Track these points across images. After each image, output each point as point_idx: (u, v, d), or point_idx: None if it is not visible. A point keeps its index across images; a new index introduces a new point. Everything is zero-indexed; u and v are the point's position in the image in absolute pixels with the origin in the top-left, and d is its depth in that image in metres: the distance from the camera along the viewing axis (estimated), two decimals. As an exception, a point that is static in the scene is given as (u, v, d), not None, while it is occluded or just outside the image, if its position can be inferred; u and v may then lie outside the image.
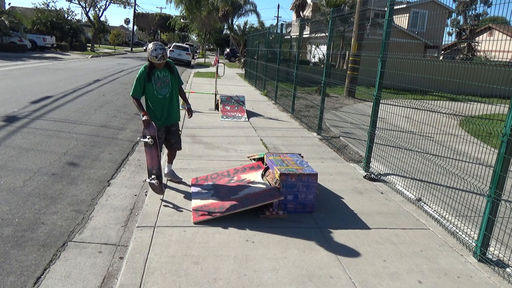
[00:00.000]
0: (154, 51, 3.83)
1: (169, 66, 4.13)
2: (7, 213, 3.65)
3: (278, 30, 13.78)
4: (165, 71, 4.09)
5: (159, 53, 3.83)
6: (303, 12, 35.85)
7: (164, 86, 4.10)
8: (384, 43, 5.03)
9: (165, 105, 4.14)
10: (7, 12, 29.43)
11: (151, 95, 4.08)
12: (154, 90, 4.05)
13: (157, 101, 4.10)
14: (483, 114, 4.16)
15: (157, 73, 4.03)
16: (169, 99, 4.17)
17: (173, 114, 4.26)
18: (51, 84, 11.92)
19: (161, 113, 4.15)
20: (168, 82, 4.11)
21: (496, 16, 11.01)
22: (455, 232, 3.70)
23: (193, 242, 3.21)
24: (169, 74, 4.11)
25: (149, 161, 3.97)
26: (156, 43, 3.88)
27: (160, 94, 4.09)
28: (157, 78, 4.04)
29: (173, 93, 4.19)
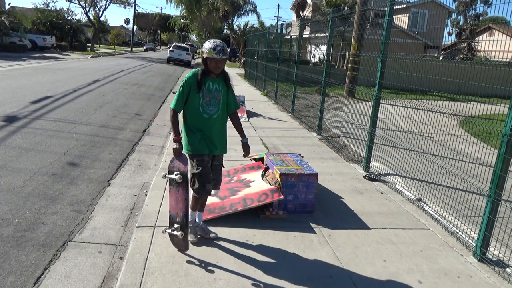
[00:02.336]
0: (212, 43, 2.87)
1: (226, 78, 3.11)
2: (7, 213, 3.65)
3: (278, 30, 13.79)
4: (218, 84, 3.05)
5: (219, 45, 2.86)
6: (303, 12, 35.85)
7: (214, 103, 3.03)
8: (384, 43, 5.03)
9: (210, 129, 3.05)
10: (7, 12, 29.41)
11: (194, 110, 3.01)
12: (199, 104, 2.99)
13: (200, 121, 3.03)
14: (483, 114, 4.16)
15: (209, 83, 3.00)
16: (217, 123, 3.07)
17: (220, 143, 3.14)
18: (51, 84, 11.93)
19: (206, 138, 3.05)
20: (220, 100, 3.06)
21: (496, 16, 11.00)
22: (455, 232, 3.70)
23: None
24: (222, 90, 3.07)
25: (173, 205, 3.01)
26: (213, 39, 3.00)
27: (206, 112, 3.02)
28: (207, 90, 2.99)
29: (222, 117, 3.13)
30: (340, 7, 18.31)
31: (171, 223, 3.04)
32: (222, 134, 3.15)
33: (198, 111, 3.01)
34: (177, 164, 2.95)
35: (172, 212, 3.03)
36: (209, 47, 2.85)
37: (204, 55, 2.90)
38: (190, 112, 3.04)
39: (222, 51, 2.85)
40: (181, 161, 2.95)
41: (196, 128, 3.04)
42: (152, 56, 39.94)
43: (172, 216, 3.03)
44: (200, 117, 3.02)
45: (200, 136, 3.03)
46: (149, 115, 9.08)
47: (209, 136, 3.05)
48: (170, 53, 28.78)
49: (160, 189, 4.28)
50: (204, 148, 3.03)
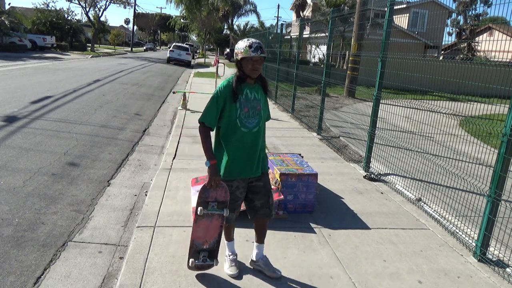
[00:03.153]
0: (247, 40, 2.47)
1: (264, 84, 2.69)
2: (7, 213, 3.65)
3: (278, 30, 13.79)
4: (257, 91, 2.62)
5: (255, 42, 2.44)
6: (303, 12, 35.85)
7: (254, 114, 2.56)
8: (384, 43, 5.03)
9: (250, 145, 2.58)
10: (7, 12, 29.42)
11: (231, 124, 2.53)
12: (237, 118, 2.52)
13: (237, 137, 2.54)
14: (483, 114, 4.16)
15: (246, 91, 2.55)
16: (257, 137, 2.60)
17: (261, 160, 2.68)
18: (51, 84, 11.92)
19: (243, 158, 2.57)
20: (260, 109, 2.60)
21: (496, 16, 11.00)
22: (455, 232, 3.70)
23: (193, 242, 3.20)
24: (262, 98, 2.65)
25: (201, 233, 2.62)
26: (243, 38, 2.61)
27: (246, 126, 2.53)
28: (245, 99, 2.54)
29: (263, 128, 2.67)
30: (340, 7, 18.31)
31: (196, 252, 2.65)
32: (262, 150, 2.70)
33: (236, 125, 2.51)
34: (215, 193, 2.55)
35: (198, 240, 2.63)
36: (243, 46, 2.43)
37: (238, 56, 2.46)
38: (225, 126, 2.55)
39: (260, 48, 2.42)
40: (222, 190, 2.54)
41: (230, 146, 2.55)
42: (152, 56, 39.94)
43: (197, 244, 2.63)
44: (238, 131, 2.52)
45: (233, 156, 2.55)
46: (149, 115, 9.08)
47: (248, 154, 2.58)
48: (170, 53, 28.78)
49: (160, 189, 4.28)
50: (236, 173, 2.56)
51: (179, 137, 6.68)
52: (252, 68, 2.46)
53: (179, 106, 9.71)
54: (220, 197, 2.56)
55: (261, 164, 2.67)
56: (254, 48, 2.41)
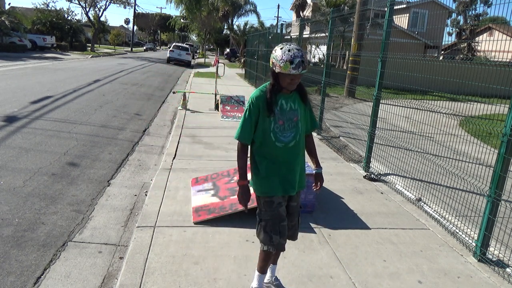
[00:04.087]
0: (288, 52, 2.11)
1: (302, 92, 2.39)
2: (7, 213, 3.65)
3: (278, 30, 13.79)
4: (294, 101, 2.34)
5: (297, 55, 2.11)
6: (303, 12, 35.86)
7: (290, 127, 2.31)
8: (384, 43, 5.03)
9: (286, 161, 2.34)
10: (7, 12, 29.43)
11: (265, 139, 2.31)
12: (271, 131, 2.29)
13: (272, 152, 2.32)
14: (483, 114, 4.16)
15: (281, 102, 2.30)
16: (294, 153, 2.36)
17: (298, 178, 2.40)
18: (51, 84, 11.93)
19: (280, 175, 2.34)
20: (297, 120, 2.33)
21: (496, 16, 11.02)
22: (455, 232, 3.70)
23: (193, 242, 3.21)
24: (299, 108, 2.36)
25: None
26: (286, 43, 2.24)
27: (280, 140, 2.29)
28: (280, 111, 2.29)
29: (301, 144, 2.41)
30: (340, 7, 18.31)
31: None
32: (300, 166, 2.41)
33: (269, 139, 2.29)
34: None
35: None
36: (284, 59, 2.10)
37: (276, 68, 2.16)
38: (258, 141, 2.32)
39: (302, 64, 2.10)
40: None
41: (266, 161, 2.33)
42: (152, 56, 39.94)
43: None
44: (272, 146, 2.30)
45: (271, 172, 2.33)
46: (149, 115, 9.08)
47: (284, 171, 2.34)
48: (170, 53, 28.79)
49: (160, 189, 4.28)
50: (277, 188, 2.32)
51: (179, 137, 6.68)
52: (290, 83, 2.20)
53: (179, 106, 9.71)
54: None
55: (299, 182, 2.41)
56: (296, 64, 2.09)
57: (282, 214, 2.33)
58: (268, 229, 2.31)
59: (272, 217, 2.31)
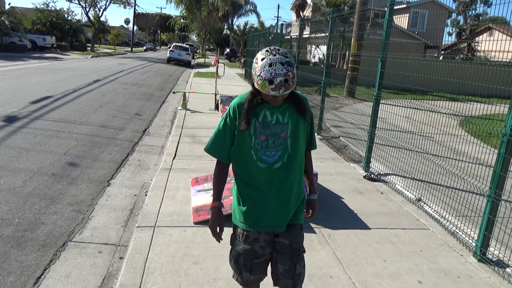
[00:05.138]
0: (268, 67, 1.66)
1: (297, 101, 1.90)
2: (7, 213, 3.65)
3: (278, 30, 13.79)
4: (283, 113, 1.89)
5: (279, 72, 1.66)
6: (303, 12, 35.86)
7: (276, 144, 1.88)
8: (384, 43, 5.03)
9: (270, 186, 1.90)
10: (7, 12, 29.43)
11: (243, 156, 1.91)
12: (251, 148, 1.89)
13: (253, 173, 1.91)
14: (483, 114, 4.16)
15: (264, 113, 1.88)
16: (282, 175, 1.90)
17: (287, 210, 1.95)
18: (51, 84, 11.93)
19: (261, 203, 1.92)
20: (286, 137, 1.89)
21: (496, 16, 11.02)
22: (455, 232, 3.70)
23: (193, 242, 3.21)
24: (290, 121, 1.89)
25: None
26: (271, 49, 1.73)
27: (263, 160, 1.88)
28: (262, 123, 1.88)
29: (293, 164, 1.91)
30: (340, 7, 18.31)
31: None
32: (291, 194, 1.93)
33: (249, 158, 1.88)
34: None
35: None
36: (262, 76, 1.66)
37: (255, 83, 1.74)
38: (237, 158, 1.93)
39: (285, 84, 1.65)
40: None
41: (244, 185, 1.95)
42: (152, 56, 39.95)
43: None
44: (253, 166, 1.88)
45: (249, 198, 1.93)
46: (149, 115, 9.08)
47: (267, 199, 1.90)
48: (170, 53, 28.80)
49: (160, 189, 4.29)
50: (254, 221, 1.92)
51: (179, 137, 6.68)
52: (273, 100, 1.79)
53: (179, 106, 9.71)
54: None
55: (290, 214, 1.95)
56: (276, 85, 1.64)
57: (257, 251, 1.95)
58: (240, 262, 1.98)
59: (244, 252, 1.95)
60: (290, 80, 1.66)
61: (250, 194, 1.93)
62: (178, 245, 3.14)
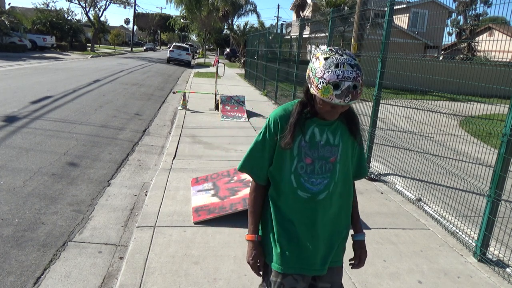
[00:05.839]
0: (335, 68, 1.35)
1: (351, 118, 1.62)
2: (7, 213, 3.65)
3: (278, 30, 13.79)
4: (333, 132, 1.59)
5: (348, 75, 1.35)
6: (303, 12, 35.86)
7: (323, 170, 1.58)
8: (384, 43, 5.03)
9: (314, 221, 1.59)
10: (7, 12, 29.44)
11: (283, 184, 1.60)
12: (292, 172, 1.58)
13: (292, 205, 1.60)
14: (483, 114, 4.16)
15: (312, 131, 1.57)
16: (326, 209, 1.60)
17: (330, 248, 1.65)
18: (51, 84, 11.93)
19: (301, 242, 1.60)
20: (335, 162, 1.59)
21: (496, 16, 11.01)
22: (455, 232, 3.70)
23: (193, 242, 3.21)
24: (341, 143, 1.59)
25: None
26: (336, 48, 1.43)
27: (306, 188, 1.57)
28: (309, 143, 1.56)
29: (340, 194, 1.63)
30: (340, 7, 18.32)
31: None
32: (336, 231, 1.64)
33: (288, 184, 1.57)
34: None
35: None
36: (325, 79, 1.35)
37: (312, 87, 1.42)
38: (274, 184, 1.63)
39: (353, 90, 1.35)
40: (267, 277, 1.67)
41: (280, 217, 1.60)
42: (152, 56, 39.95)
43: None
44: (292, 195, 1.57)
45: (286, 235, 1.59)
46: (149, 115, 9.08)
47: (308, 237, 1.58)
48: (170, 53, 28.81)
49: (160, 189, 4.29)
50: (292, 264, 1.59)
51: (179, 137, 6.68)
52: (330, 112, 1.47)
53: (179, 106, 9.71)
54: None
55: (334, 255, 1.65)
56: (342, 91, 1.34)
57: None
58: None
59: None
60: (359, 87, 1.36)
61: (286, 228, 1.59)
62: (178, 245, 3.14)
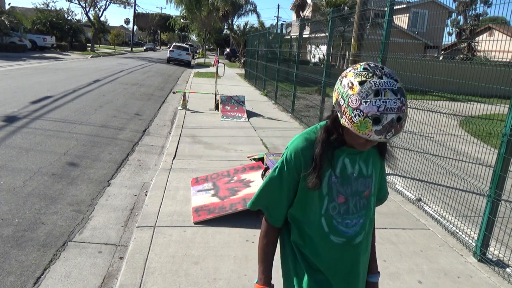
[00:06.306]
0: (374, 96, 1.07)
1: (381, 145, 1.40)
2: (7, 213, 3.65)
3: (278, 30, 13.79)
4: (366, 159, 1.35)
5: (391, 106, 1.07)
6: (303, 12, 35.86)
7: (358, 207, 1.34)
8: (384, 43, 5.03)
9: (348, 270, 1.35)
10: (7, 12, 29.44)
11: (311, 229, 1.32)
12: (322, 215, 1.30)
13: (323, 253, 1.32)
14: (483, 114, 4.16)
15: (343, 162, 1.30)
16: (360, 252, 1.38)
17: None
18: (51, 84, 11.93)
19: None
20: (369, 195, 1.38)
21: (496, 16, 11.00)
22: (455, 232, 3.70)
23: (193, 242, 3.21)
24: (374, 171, 1.38)
25: None
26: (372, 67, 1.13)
27: (340, 232, 1.31)
28: (340, 178, 1.29)
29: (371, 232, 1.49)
30: (340, 7, 18.32)
31: None
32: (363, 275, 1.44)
33: (318, 228, 1.31)
34: None
35: None
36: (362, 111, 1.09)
37: (343, 117, 1.14)
38: (298, 229, 1.35)
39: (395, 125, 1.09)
40: None
41: (308, 267, 1.35)
42: (152, 56, 39.94)
43: None
44: (322, 241, 1.31)
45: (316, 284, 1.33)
46: (149, 115, 9.08)
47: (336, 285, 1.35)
48: (170, 53, 28.82)
49: (160, 189, 4.28)
50: None
51: (179, 137, 6.68)
52: (364, 144, 1.20)
53: (179, 106, 9.71)
54: None
55: None
56: (383, 126, 1.07)
57: None
58: None
59: None
60: (403, 119, 1.10)
61: (317, 280, 1.32)
62: (178, 245, 3.14)
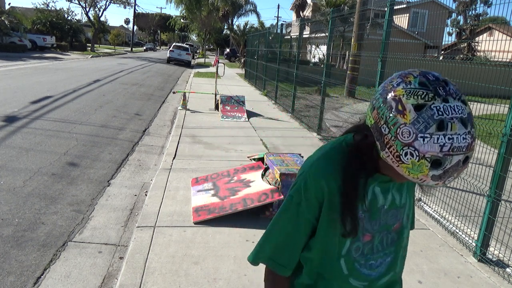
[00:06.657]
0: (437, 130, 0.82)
1: None
2: (7, 213, 3.65)
3: (278, 30, 13.79)
4: (400, 187, 1.11)
5: (459, 142, 0.85)
6: (303, 12, 35.87)
7: (385, 244, 1.09)
8: (384, 43, 5.03)
9: None
10: (7, 12, 29.45)
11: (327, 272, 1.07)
12: (341, 256, 1.05)
13: None
14: (483, 114, 4.15)
15: (373, 192, 1.03)
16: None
17: None
18: (51, 84, 11.93)
19: None
20: (399, 228, 1.11)
21: (496, 16, 11.00)
22: (455, 232, 3.70)
23: (193, 242, 3.21)
24: (408, 199, 1.14)
25: None
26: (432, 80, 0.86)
27: (362, 276, 1.07)
28: (370, 210, 1.03)
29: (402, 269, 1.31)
30: (340, 7, 18.33)
31: None
32: None
33: (336, 271, 1.09)
34: None
35: None
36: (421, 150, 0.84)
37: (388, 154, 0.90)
38: (309, 270, 1.12)
39: (460, 168, 0.88)
40: None
41: None
42: (152, 56, 39.94)
43: None
44: (340, 285, 1.10)
45: None
46: (149, 115, 9.08)
47: None
48: (170, 53, 28.82)
49: (160, 189, 4.28)
50: None
51: (179, 137, 6.68)
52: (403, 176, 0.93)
53: (179, 106, 9.71)
54: None
55: None
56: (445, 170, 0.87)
57: None
58: None
59: None
60: (470, 158, 0.90)
61: None
62: (178, 245, 3.14)
